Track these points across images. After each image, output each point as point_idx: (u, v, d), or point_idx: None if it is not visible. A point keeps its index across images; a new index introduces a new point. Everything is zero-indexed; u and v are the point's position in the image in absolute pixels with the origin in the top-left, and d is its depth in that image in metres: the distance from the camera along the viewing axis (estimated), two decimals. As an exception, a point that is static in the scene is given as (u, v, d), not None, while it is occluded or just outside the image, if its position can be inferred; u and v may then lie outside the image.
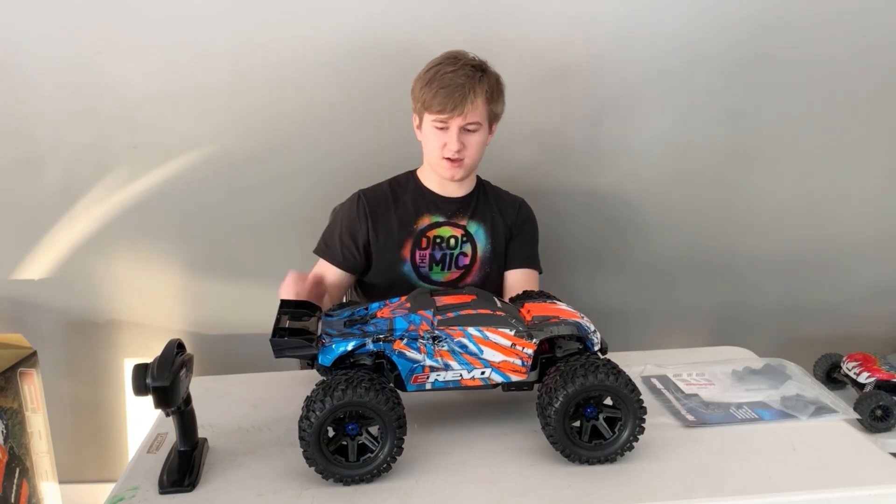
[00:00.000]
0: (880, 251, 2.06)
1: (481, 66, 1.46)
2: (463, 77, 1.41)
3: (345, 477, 0.96)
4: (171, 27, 1.76)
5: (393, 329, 1.03)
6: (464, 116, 1.42)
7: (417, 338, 1.02)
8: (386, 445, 0.96)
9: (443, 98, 1.41)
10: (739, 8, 1.83)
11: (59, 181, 1.84)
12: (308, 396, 0.96)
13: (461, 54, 1.47)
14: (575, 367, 0.97)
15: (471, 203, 1.57)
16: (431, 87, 1.43)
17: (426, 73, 1.46)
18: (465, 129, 1.44)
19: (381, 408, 0.94)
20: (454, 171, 1.48)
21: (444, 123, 1.44)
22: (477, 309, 1.06)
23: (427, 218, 1.55)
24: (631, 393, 0.97)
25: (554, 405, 0.96)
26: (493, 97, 1.47)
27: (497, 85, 1.48)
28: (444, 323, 1.03)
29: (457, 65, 1.43)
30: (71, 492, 1.97)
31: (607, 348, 1.10)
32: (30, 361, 1.75)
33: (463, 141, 1.45)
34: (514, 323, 1.04)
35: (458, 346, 1.02)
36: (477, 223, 1.56)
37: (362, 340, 1.02)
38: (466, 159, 1.47)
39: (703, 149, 1.94)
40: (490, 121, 1.49)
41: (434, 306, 1.07)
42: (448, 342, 1.02)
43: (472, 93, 1.41)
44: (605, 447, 0.99)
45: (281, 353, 1.03)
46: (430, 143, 1.48)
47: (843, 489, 0.94)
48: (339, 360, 1.03)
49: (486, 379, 1.04)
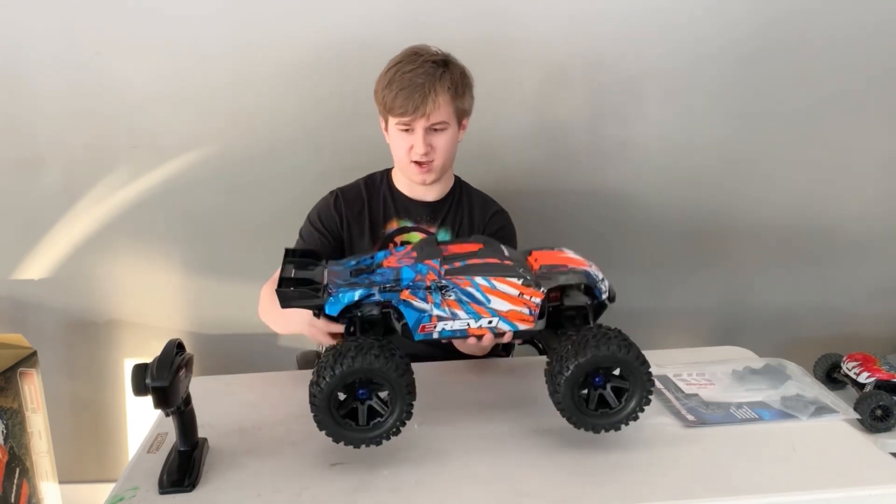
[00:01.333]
0: (880, 251, 2.06)
1: (444, 60, 1.38)
2: (423, 76, 1.33)
3: (355, 440, 0.96)
4: (171, 27, 1.76)
5: (399, 279, 1.02)
6: (427, 117, 1.35)
7: (424, 287, 1.01)
8: (395, 411, 0.96)
9: (403, 100, 1.34)
10: (741, 7, 1.83)
11: (59, 181, 1.84)
12: (318, 362, 0.96)
13: (422, 49, 1.39)
14: (587, 337, 0.97)
15: (442, 209, 1.51)
16: (391, 89, 1.35)
17: (386, 74, 1.38)
18: (431, 129, 1.37)
19: (391, 374, 0.94)
20: (424, 176, 1.42)
21: (407, 126, 1.37)
22: (484, 258, 1.05)
23: (395, 222, 1.50)
24: (641, 366, 0.97)
25: (564, 374, 0.96)
26: (459, 93, 1.39)
27: (462, 79, 1.40)
28: (451, 272, 1.02)
29: (416, 62, 1.35)
30: (71, 492, 1.97)
31: (615, 296, 1.10)
32: (30, 361, 1.75)
33: (430, 142, 1.38)
34: (522, 272, 1.03)
35: (466, 295, 1.01)
36: (445, 230, 1.50)
37: (369, 290, 1.01)
38: (436, 160, 1.41)
39: (704, 149, 1.94)
40: (458, 117, 1.41)
41: (441, 255, 1.06)
42: (455, 291, 1.01)
43: (433, 92, 1.33)
44: (610, 416, 0.99)
45: (287, 303, 1.02)
46: (397, 147, 1.42)
47: (843, 489, 0.94)
48: (346, 310, 1.02)
49: (494, 328, 1.03)
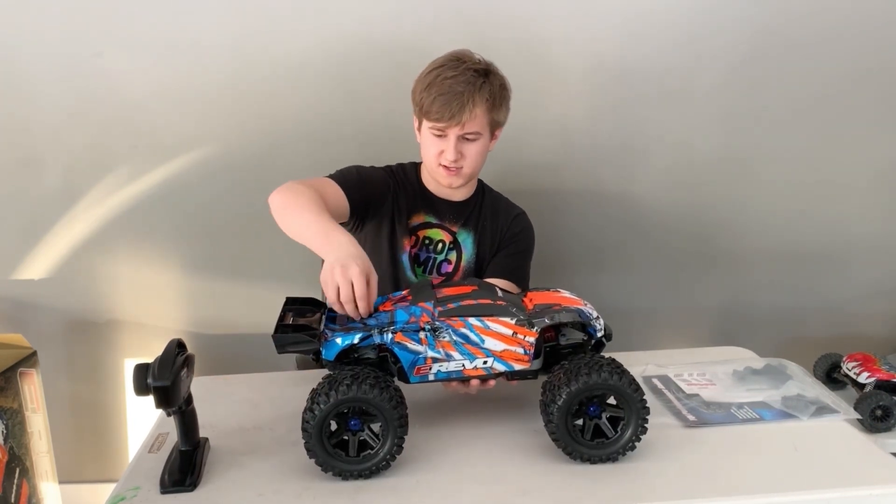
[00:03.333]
0: (880, 251, 2.06)
1: (485, 70, 1.39)
2: (463, 84, 1.34)
3: (343, 471, 0.96)
4: (172, 27, 1.76)
5: (394, 321, 1.03)
6: (461, 126, 1.36)
7: (418, 329, 1.02)
8: (386, 443, 0.96)
9: (440, 106, 1.34)
10: (741, 8, 1.83)
11: (59, 181, 1.84)
12: (314, 389, 0.96)
13: (465, 56, 1.39)
14: (579, 366, 0.97)
15: (465, 210, 1.53)
16: (430, 93, 1.36)
17: (426, 76, 1.39)
18: (463, 137, 1.39)
19: (384, 405, 0.94)
20: (451, 179, 1.44)
21: (441, 131, 1.38)
22: (478, 299, 1.07)
23: (421, 216, 1.51)
24: (634, 393, 0.97)
25: (557, 402, 0.96)
26: (496, 105, 1.39)
27: (501, 91, 1.41)
28: (444, 314, 1.03)
29: (458, 69, 1.36)
30: (71, 492, 1.97)
31: (611, 335, 1.10)
32: (30, 361, 1.75)
33: (461, 150, 1.39)
34: (515, 311, 1.04)
35: (460, 336, 1.02)
36: (467, 231, 1.52)
37: (366, 333, 1.02)
38: (465, 168, 1.42)
39: (705, 149, 1.94)
40: (492, 128, 1.43)
41: (434, 297, 1.07)
42: (449, 333, 1.02)
43: (470, 102, 1.34)
44: (607, 446, 0.99)
45: (283, 348, 1.03)
46: (428, 149, 1.44)
47: (843, 489, 0.94)
48: (343, 355, 1.04)
49: (489, 368, 1.04)
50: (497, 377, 1.07)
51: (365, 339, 1.02)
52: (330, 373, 0.99)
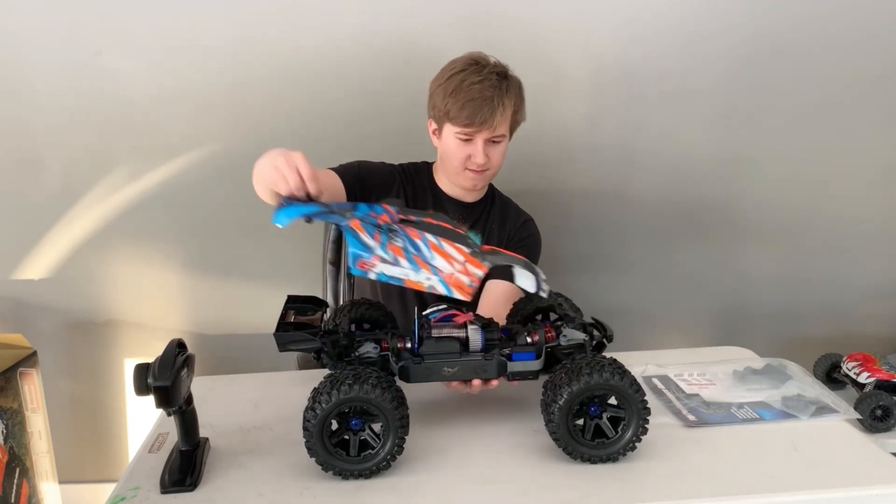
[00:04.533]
0: (880, 251, 2.06)
1: (505, 72, 1.40)
2: (490, 89, 1.34)
3: (344, 471, 0.96)
4: (172, 27, 1.76)
5: (354, 209, 1.02)
6: (492, 129, 1.37)
7: (375, 224, 1.00)
8: (387, 443, 0.96)
9: (471, 111, 1.34)
10: (740, 9, 1.83)
11: (59, 182, 1.84)
12: (315, 388, 0.96)
13: (483, 59, 1.39)
14: (580, 366, 0.97)
15: (475, 211, 1.54)
16: (457, 99, 1.35)
17: (449, 81, 1.38)
18: (490, 140, 1.40)
19: (385, 406, 0.94)
20: (477, 181, 1.45)
21: (469, 136, 1.38)
22: (440, 222, 1.06)
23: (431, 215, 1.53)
24: (635, 393, 0.97)
25: (558, 402, 0.96)
26: (519, 107, 1.42)
27: (520, 92, 1.43)
28: (405, 222, 1.02)
29: (482, 73, 1.36)
30: (71, 492, 1.97)
31: (612, 336, 1.10)
32: (30, 361, 1.75)
33: (487, 153, 1.40)
34: (472, 245, 1.03)
35: (412, 245, 1.01)
36: (476, 232, 1.52)
37: (324, 209, 1.01)
38: (490, 171, 1.44)
39: (704, 149, 1.94)
40: (513, 129, 1.46)
41: (402, 206, 1.06)
42: (403, 238, 1.01)
43: (500, 105, 1.35)
44: (607, 446, 0.99)
45: (284, 346, 1.04)
46: (452, 154, 1.43)
47: (843, 489, 0.94)
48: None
49: (431, 287, 1.03)
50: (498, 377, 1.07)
51: (321, 214, 1.01)
52: (331, 372, 0.99)
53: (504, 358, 1.05)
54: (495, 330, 1.06)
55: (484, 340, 1.05)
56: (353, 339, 1.08)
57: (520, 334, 1.08)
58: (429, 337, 1.04)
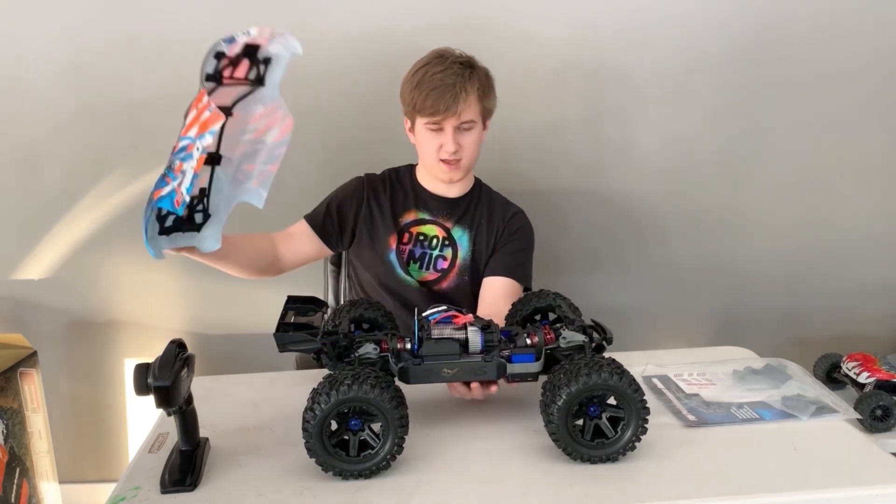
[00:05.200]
0: (880, 251, 2.06)
1: (469, 62, 1.44)
2: (453, 76, 1.39)
3: (344, 471, 0.96)
4: (172, 27, 1.76)
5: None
6: (458, 116, 1.40)
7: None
8: (387, 443, 0.96)
9: (434, 99, 1.38)
10: (739, 8, 1.83)
11: (59, 181, 1.84)
12: (314, 388, 0.96)
13: (447, 52, 1.44)
14: (579, 366, 0.97)
15: (461, 206, 1.55)
16: (421, 90, 1.40)
17: (414, 75, 1.43)
18: (459, 128, 1.42)
19: (384, 405, 0.94)
20: (452, 173, 1.47)
21: (437, 125, 1.42)
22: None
23: (413, 213, 1.54)
24: (634, 393, 0.97)
25: (557, 403, 0.96)
26: (485, 93, 1.45)
27: (487, 80, 1.46)
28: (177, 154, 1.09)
29: (444, 63, 1.41)
30: (71, 492, 1.97)
31: (612, 338, 1.10)
32: (30, 361, 1.75)
33: (459, 141, 1.43)
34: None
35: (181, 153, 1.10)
36: (462, 228, 1.54)
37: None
38: (464, 160, 1.45)
39: (704, 149, 1.94)
40: (484, 117, 1.47)
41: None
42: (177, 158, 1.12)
43: (463, 91, 1.39)
44: (607, 446, 0.99)
45: (284, 347, 1.04)
46: (425, 146, 1.46)
47: (843, 489, 0.94)
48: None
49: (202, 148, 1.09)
50: (498, 379, 1.07)
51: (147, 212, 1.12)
52: (331, 372, 0.99)
53: (503, 360, 1.05)
54: (495, 331, 1.06)
55: (484, 342, 1.04)
56: (353, 339, 1.08)
57: (519, 336, 1.08)
58: (428, 338, 1.04)
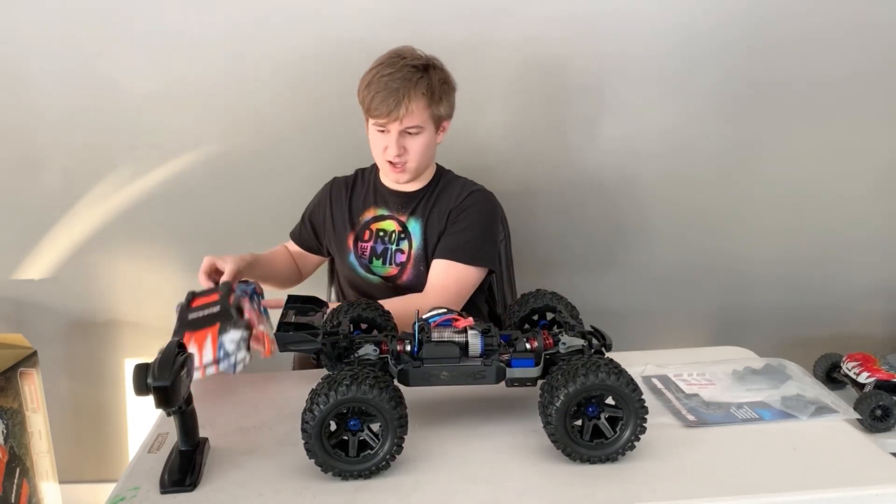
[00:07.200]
0: (880, 251, 2.06)
1: (424, 65, 1.40)
2: (399, 80, 1.37)
3: (343, 471, 0.96)
4: (171, 27, 1.76)
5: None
6: (400, 121, 1.38)
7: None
8: (386, 443, 0.96)
9: (379, 102, 1.37)
10: (739, 7, 1.83)
11: (59, 181, 1.84)
12: (313, 389, 0.96)
13: (406, 52, 1.42)
14: (576, 367, 0.97)
15: (415, 199, 1.53)
16: (370, 90, 1.39)
17: (367, 74, 1.42)
18: (405, 132, 1.41)
19: (383, 405, 0.94)
20: (397, 175, 1.46)
21: (383, 127, 1.41)
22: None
23: (372, 210, 1.55)
24: (632, 393, 0.97)
25: (555, 404, 0.96)
26: (435, 99, 1.41)
27: (441, 85, 1.42)
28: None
29: (396, 66, 1.38)
30: (71, 492, 1.97)
31: (612, 345, 1.10)
32: (30, 361, 1.75)
33: (404, 145, 1.41)
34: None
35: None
36: (416, 219, 1.52)
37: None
38: (409, 163, 1.44)
39: (703, 149, 1.94)
40: (435, 122, 1.44)
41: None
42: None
43: (406, 97, 1.36)
44: (606, 446, 0.99)
45: (285, 346, 1.05)
46: (373, 146, 1.47)
47: (843, 489, 0.94)
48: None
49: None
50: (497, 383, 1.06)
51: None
52: (329, 373, 0.99)
53: (503, 364, 1.05)
54: (495, 335, 1.06)
55: (483, 346, 1.04)
56: (353, 340, 1.08)
57: (518, 340, 1.08)
58: (428, 341, 1.04)
